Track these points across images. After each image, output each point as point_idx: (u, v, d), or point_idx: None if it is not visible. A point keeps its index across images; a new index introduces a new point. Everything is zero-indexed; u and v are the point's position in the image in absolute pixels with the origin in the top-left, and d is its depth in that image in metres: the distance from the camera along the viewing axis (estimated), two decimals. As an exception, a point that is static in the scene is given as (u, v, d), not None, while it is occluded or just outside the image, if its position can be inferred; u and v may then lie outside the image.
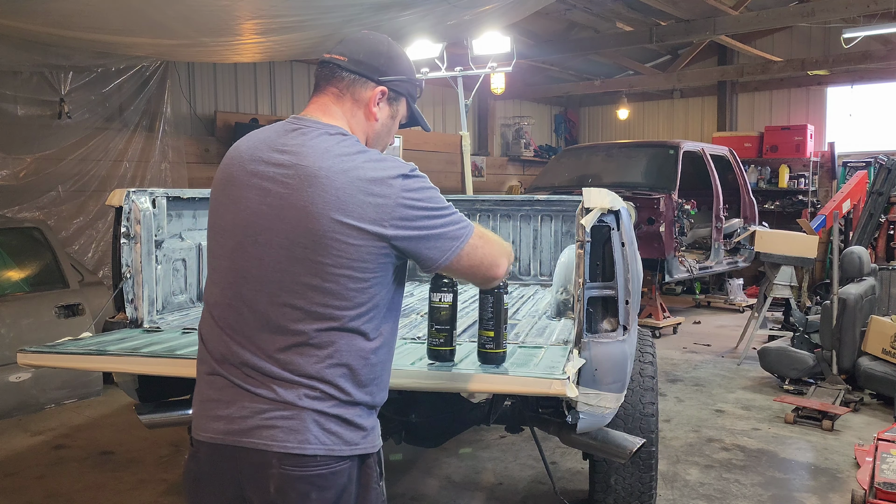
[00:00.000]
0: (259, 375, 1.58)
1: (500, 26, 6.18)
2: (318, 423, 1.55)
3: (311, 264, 1.55)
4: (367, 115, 1.73)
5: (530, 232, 4.70)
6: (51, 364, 2.62)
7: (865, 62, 9.61)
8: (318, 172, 1.55)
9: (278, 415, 1.55)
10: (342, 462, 1.58)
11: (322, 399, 1.56)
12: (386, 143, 1.82)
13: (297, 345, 1.56)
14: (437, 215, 1.62)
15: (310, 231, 1.54)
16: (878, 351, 5.49)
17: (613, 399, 2.44)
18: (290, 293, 1.57)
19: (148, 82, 7.41)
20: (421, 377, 2.28)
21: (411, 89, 1.81)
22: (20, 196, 6.48)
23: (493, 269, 1.73)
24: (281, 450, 1.54)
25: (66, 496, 3.92)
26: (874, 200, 8.05)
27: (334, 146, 1.60)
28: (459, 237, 1.65)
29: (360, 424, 1.61)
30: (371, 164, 1.58)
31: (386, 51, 1.76)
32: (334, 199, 1.53)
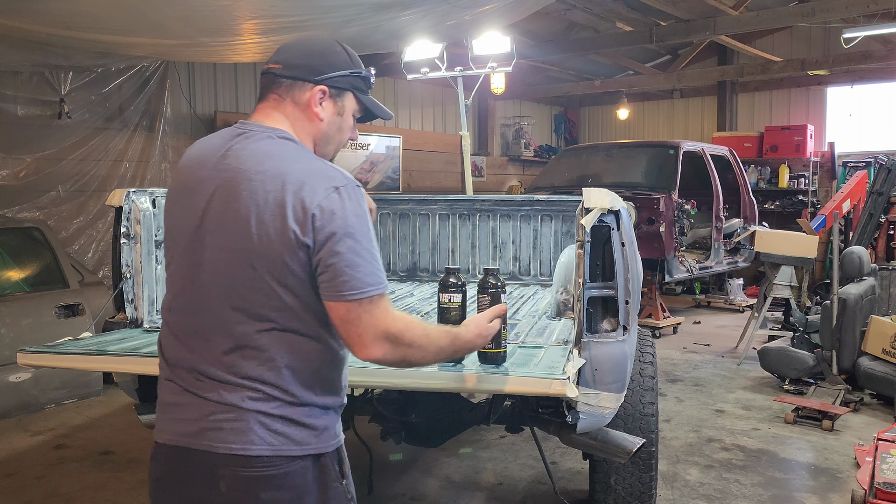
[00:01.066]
0: (206, 379, 1.60)
1: (500, 26, 6.18)
2: (263, 425, 1.56)
3: (248, 268, 1.57)
4: (311, 117, 1.71)
5: (530, 232, 4.70)
6: (51, 364, 2.62)
7: (865, 62, 9.61)
8: (253, 177, 1.56)
9: (223, 417, 1.58)
10: (294, 462, 1.58)
11: (265, 400, 1.57)
12: (340, 141, 1.78)
13: (239, 347, 1.58)
14: (352, 242, 1.54)
15: (246, 235, 1.55)
16: (878, 351, 5.49)
17: (613, 399, 2.44)
18: (231, 297, 1.59)
19: (148, 82, 7.41)
20: (421, 377, 2.28)
21: (356, 82, 1.76)
22: (20, 196, 6.48)
23: (362, 345, 1.57)
24: (226, 451, 1.56)
25: (66, 496, 3.92)
26: (874, 200, 8.05)
27: (275, 150, 1.61)
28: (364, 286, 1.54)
29: (310, 424, 1.60)
30: (304, 171, 1.57)
31: (321, 49, 1.74)
32: (264, 202, 1.54)
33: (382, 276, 1.58)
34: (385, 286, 1.58)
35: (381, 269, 1.59)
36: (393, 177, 10.32)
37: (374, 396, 3.19)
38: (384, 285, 1.58)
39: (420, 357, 1.65)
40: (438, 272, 4.68)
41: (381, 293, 1.57)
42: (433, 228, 4.80)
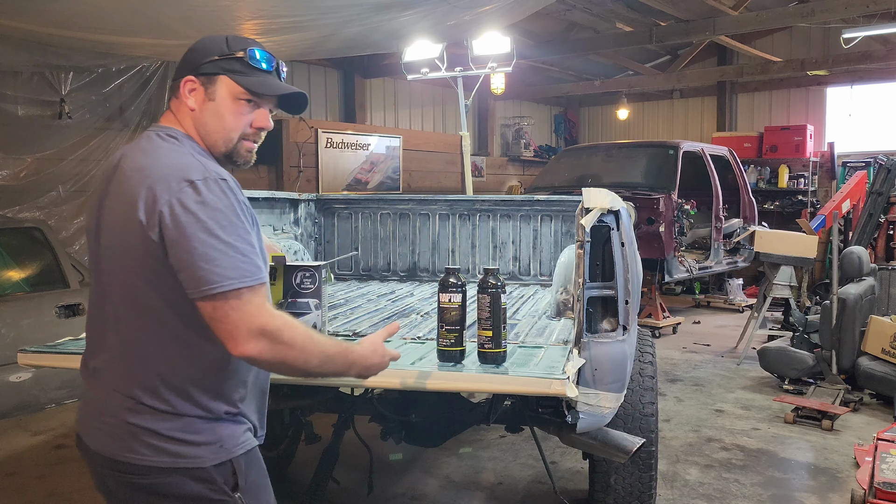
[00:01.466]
0: (98, 381, 1.64)
1: (500, 26, 6.18)
2: (136, 435, 1.56)
3: (120, 267, 1.58)
4: (185, 108, 1.71)
5: (530, 232, 4.70)
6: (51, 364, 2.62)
7: (865, 62, 9.61)
8: (126, 174, 1.58)
9: (104, 420, 1.61)
10: (168, 474, 1.56)
11: (138, 412, 1.57)
12: (224, 128, 1.70)
13: (116, 350, 1.60)
14: (205, 236, 1.48)
15: (117, 234, 1.57)
16: (877, 351, 5.49)
17: (613, 399, 2.44)
18: (112, 297, 1.61)
19: (148, 82, 7.41)
20: (420, 377, 2.28)
21: (228, 65, 1.69)
22: (20, 196, 6.48)
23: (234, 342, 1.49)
24: (105, 453, 1.59)
25: (67, 496, 3.92)
26: (874, 200, 8.05)
27: (149, 147, 1.62)
28: (225, 279, 1.47)
29: (185, 439, 1.56)
30: (163, 166, 1.55)
31: (197, 45, 1.74)
32: (127, 200, 1.55)
33: (250, 270, 1.50)
34: (256, 279, 1.50)
35: (251, 263, 1.51)
36: (393, 177, 10.32)
37: (374, 396, 3.20)
38: (253, 278, 1.50)
39: (302, 360, 1.54)
40: (438, 272, 4.69)
41: (250, 286, 1.49)
42: (433, 228, 4.80)
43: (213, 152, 1.71)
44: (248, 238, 1.54)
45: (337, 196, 5.04)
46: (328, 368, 1.62)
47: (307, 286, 2.26)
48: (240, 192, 1.60)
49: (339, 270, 4.90)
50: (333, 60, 9.48)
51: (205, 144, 1.71)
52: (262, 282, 1.53)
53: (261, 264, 1.55)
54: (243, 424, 1.66)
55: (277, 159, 8.70)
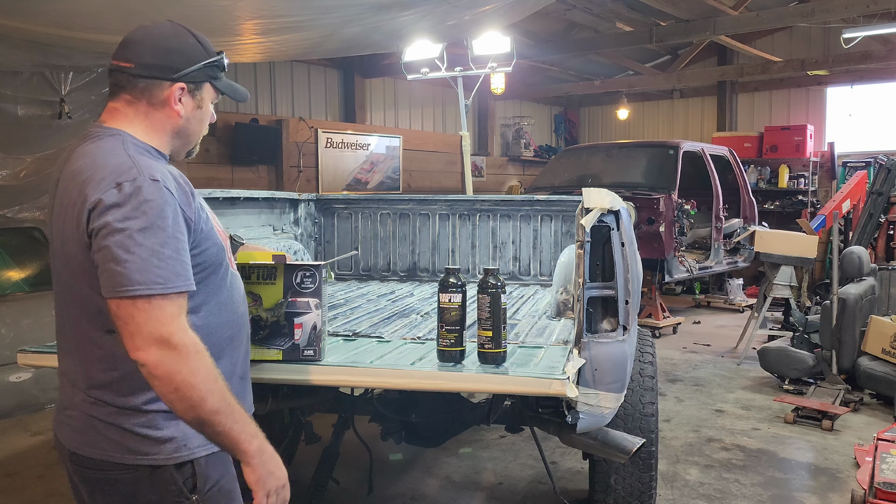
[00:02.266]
0: (64, 377, 1.67)
1: (500, 26, 6.18)
2: (96, 429, 1.57)
3: (66, 269, 1.59)
4: (170, 115, 1.68)
5: (530, 232, 4.70)
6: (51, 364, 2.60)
7: (865, 62, 9.61)
8: (69, 177, 1.58)
9: (68, 414, 1.63)
10: (126, 470, 1.55)
11: (98, 405, 1.58)
12: (200, 131, 1.78)
13: (76, 349, 1.62)
14: (121, 237, 1.44)
15: (61, 236, 1.58)
16: (877, 351, 5.49)
17: (613, 399, 2.44)
18: (65, 297, 1.63)
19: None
20: (420, 377, 2.28)
21: (211, 71, 1.73)
22: (20, 196, 6.47)
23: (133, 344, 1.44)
24: (69, 447, 1.62)
25: (67, 496, 3.91)
26: (874, 200, 8.05)
27: (92, 149, 1.60)
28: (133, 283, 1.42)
29: (147, 434, 1.55)
30: (98, 167, 1.53)
31: (173, 44, 1.69)
32: (67, 202, 1.55)
33: (164, 276, 1.44)
34: (170, 287, 1.45)
35: (166, 269, 1.45)
36: (393, 177, 10.32)
37: (374, 396, 3.20)
38: (166, 286, 1.44)
39: (196, 393, 1.43)
40: (438, 272, 4.68)
41: (163, 294, 1.44)
42: (433, 228, 4.80)
43: (180, 151, 1.75)
44: (173, 243, 1.48)
45: (337, 196, 5.04)
46: (223, 421, 1.46)
47: (307, 286, 2.26)
48: (178, 193, 1.55)
49: (339, 270, 4.90)
50: (333, 60, 9.48)
51: (167, 146, 1.71)
52: (178, 290, 1.47)
53: (182, 271, 1.48)
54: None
55: (277, 159, 8.70)
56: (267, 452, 1.54)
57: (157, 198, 1.49)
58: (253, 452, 1.51)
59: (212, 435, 1.49)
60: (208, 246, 1.63)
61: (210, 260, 1.65)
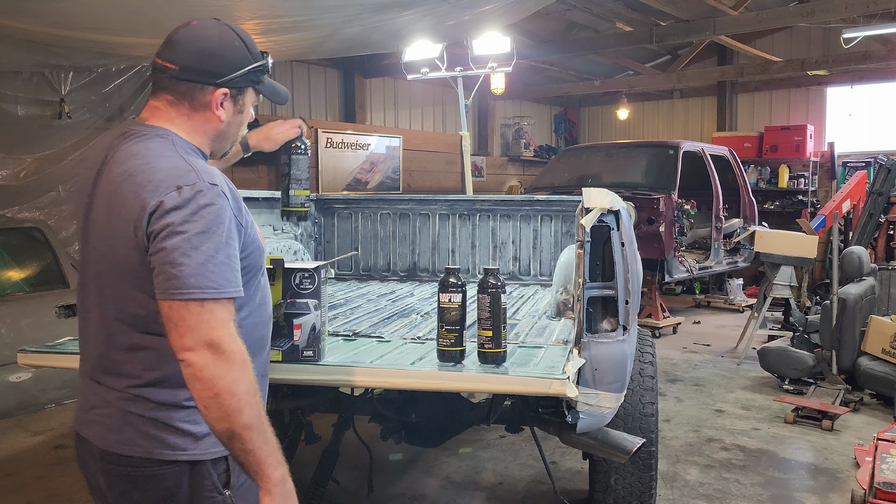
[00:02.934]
0: (96, 373, 1.64)
1: (500, 26, 6.18)
2: (134, 425, 1.56)
3: (113, 267, 1.57)
4: (210, 118, 1.68)
5: (530, 232, 4.70)
6: (51, 364, 2.63)
7: (865, 62, 9.61)
8: (115, 178, 1.56)
9: (101, 412, 1.61)
10: (164, 466, 1.55)
11: (136, 401, 1.56)
12: (238, 133, 1.79)
13: (116, 349, 1.60)
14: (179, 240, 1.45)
15: (108, 237, 1.57)
16: (877, 351, 5.49)
17: (613, 399, 2.44)
18: (104, 299, 1.61)
19: (148, 82, 7.39)
20: (420, 377, 2.28)
21: (255, 76, 1.72)
22: (20, 196, 6.48)
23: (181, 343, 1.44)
24: (101, 445, 1.59)
25: (67, 496, 3.92)
26: (874, 200, 8.05)
27: (141, 150, 1.58)
28: (188, 287, 1.43)
29: (187, 430, 1.56)
30: (154, 170, 1.52)
31: (218, 48, 1.66)
32: (118, 203, 1.53)
33: (217, 282, 1.45)
34: (222, 293, 1.46)
35: (220, 275, 1.46)
36: (393, 177, 10.32)
37: (374, 396, 3.20)
38: (218, 291, 1.45)
39: (234, 403, 1.41)
40: (438, 272, 4.68)
41: (215, 300, 1.45)
42: (433, 228, 4.80)
43: (216, 154, 1.74)
44: (227, 249, 1.49)
45: (337, 196, 5.04)
46: (254, 439, 1.44)
47: (306, 287, 2.26)
48: (231, 198, 1.56)
49: (339, 270, 4.90)
50: (333, 60, 9.48)
51: (207, 147, 1.71)
52: (229, 296, 1.48)
53: (233, 277, 1.50)
54: None
55: (277, 159, 8.61)
56: (289, 484, 1.51)
57: (216, 202, 1.50)
58: (276, 480, 1.47)
59: (239, 452, 1.45)
60: (252, 249, 1.65)
61: (253, 263, 1.66)
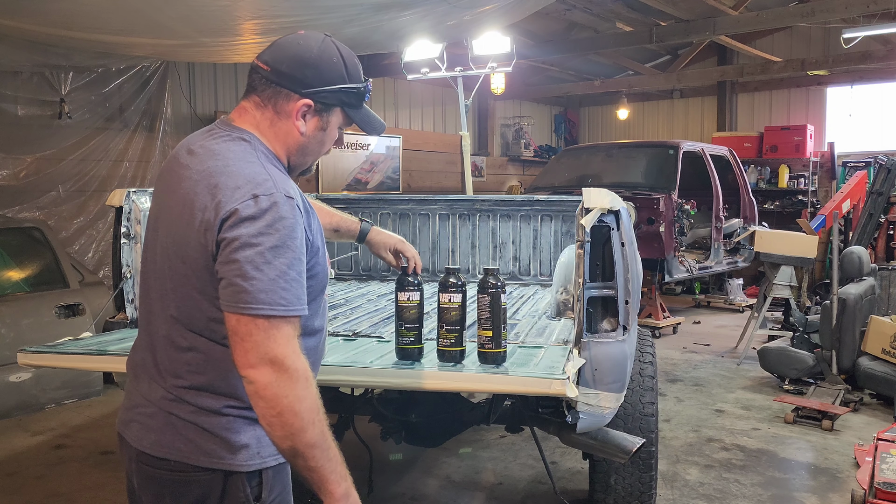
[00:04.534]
0: (141, 372, 1.62)
1: (500, 26, 6.18)
2: (174, 427, 1.53)
3: (175, 267, 1.54)
4: (290, 129, 1.63)
5: (530, 232, 4.70)
6: (51, 364, 2.62)
7: (865, 62, 9.61)
8: (194, 176, 1.53)
9: (142, 411, 1.58)
10: (200, 473, 1.51)
11: (179, 403, 1.54)
12: (319, 153, 1.70)
13: (166, 345, 1.57)
14: (251, 253, 1.42)
15: (176, 234, 1.54)
16: (877, 351, 5.49)
17: (613, 399, 2.44)
18: (163, 293, 1.57)
19: (148, 82, 7.41)
20: (421, 377, 2.28)
21: (346, 98, 1.66)
22: (20, 196, 6.48)
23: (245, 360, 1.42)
24: (137, 446, 1.57)
25: (66, 496, 3.92)
26: (874, 200, 8.05)
27: (222, 150, 1.56)
28: (258, 302, 1.40)
29: (225, 438, 1.52)
30: (232, 174, 1.49)
31: (313, 59, 1.62)
32: (192, 202, 1.50)
33: (287, 299, 1.43)
34: (291, 311, 1.44)
35: (290, 292, 1.44)
36: (393, 177, 10.32)
37: (374, 396, 3.20)
38: (287, 308, 1.43)
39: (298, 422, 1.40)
40: (438, 272, 4.68)
41: (283, 317, 1.43)
42: (433, 228, 4.80)
43: (293, 168, 1.68)
44: (298, 266, 1.47)
45: (337, 196, 5.04)
46: (318, 456, 1.43)
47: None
48: (304, 212, 1.53)
49: (339, 270, 4.90)
50: (333, 60, 9.46)
51: (285, 158, 1.65)
52: (297, 314, 1.46)
53: (302, 295, 1.48)
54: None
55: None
56: (353, 497, 1.49)
57: (291, 216, 1.47)
58: (339, 496, 1.46)
59: (303, 468, 1.44)
60: (318, 271, 1.60)
61: (318, 284, 1.62)
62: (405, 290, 2.30)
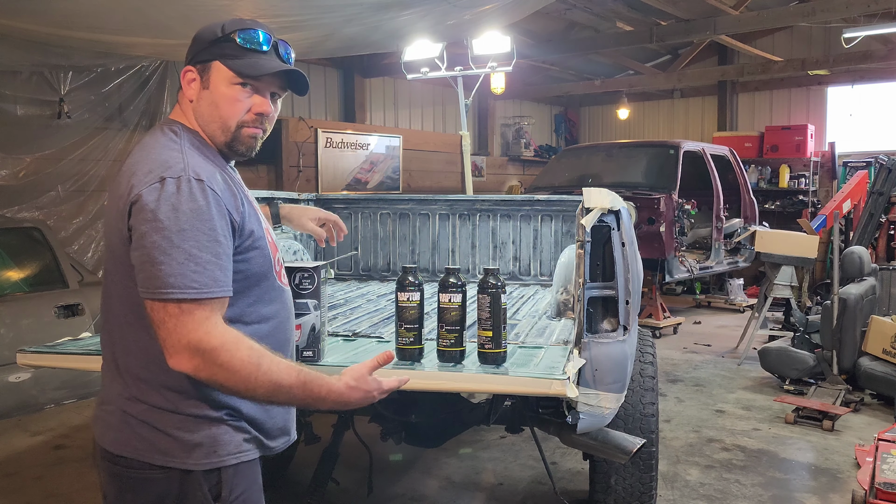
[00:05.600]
0: (105, 370, 1.64)
1: (500, 26, 6.17)
2: (130, 426, 1.54)
3: (109, 259, 1.58)
4: (184, 101, 1.65)
5: (530, 232, 4.69)
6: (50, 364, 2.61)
7: (866, 62, 9.61)
8: (122, 168, 1.57)
9: (104, 409, 1.61)
10: (156, 471, 1.52)
11: (132, 401, 1.55)
12: (222, 116, 1.62)
13: (120, 342, 1.58)
14: (158, 237, 1.41)
15: (107, 225, 1.59)
16: (878, 351, 5.48)
17: (613, 399, 2.43)
18: (109, 290, 1.61)
19: (147, 82, 7.40)
20: (420, 377, 2.27)
21: (220, 49, 1.61)
22: (20, 196, 6.48)
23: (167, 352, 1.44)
24: (100, 443, 1.59)
25: (66, 496, 3.92)
26: (874, 200, 8.04)
27: (146, 140, 1.61)
28: (168, 286, 1.40)
29: (178, 436, 1.51)
30: (144, 160, 1.52)
31: (198, 34, 1.66)
32: (115, 194, 1.54)
33: (200, 281, 1.42)
34: (205, 293, 1.42)
35: (203, 273, 1.43)
36: (393, 177, 10.31)
37: (373, 397, 3.18)
38: (201, 291, 1.42)
39: (243, 387, 1.44)
40: (438, 272, 4.68)
41: (195, 300, 1.41)
42: (433, 228, 4.79)
43: (214, 143, 1.65)
44: (213, 246, 1.45)
45: (337, 196, 5.04)
46: (282, 398, 1.50)
47: (306, 287, 2.25)
48: (224, 193, 1.52)
49: (339, 270, 4.89)
50: (333, 60, 9.47)
51: (206, 136, 1.65)
52: (213, 296, 1.44)
53: (221, 277, 1.46)
54: (244, 433, 1.59)
55: (277, 159, 8.69)
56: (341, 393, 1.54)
57: (199, 198, 1.46)
58: (333, 401, 1.54)
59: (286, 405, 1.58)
60: (255, 255, 1.58)
61: (256, 269, 1.59)
62: (405, 290, 2.30)
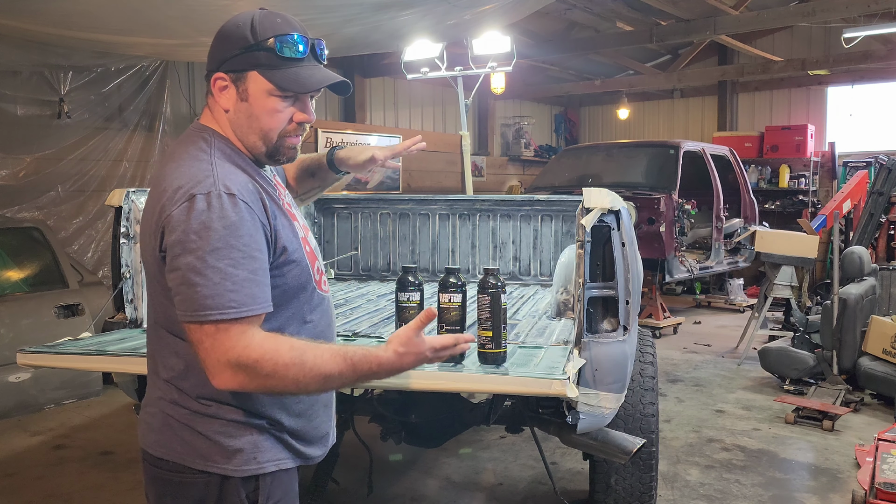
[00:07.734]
0: (148, 372, 1.64)
1: (500, 26, 6.17)
2: (171, 428, 1.54)
3: (147, 269, 1.56)
4: (218, 109, 1.58)
5: (530, 232, 4.69)
6: (50, 364, 2.62)
7: (866, 62, 9.61)
8: (154, 179, 1.56)
9: (147, 411, 1.61)
10: (196, 475, 1.51)
11: (175, 405, 1.54)
12: (261, 128, 1.56)
13: (159, 348, 1.58)
14: (192, 258, 1.38)
15: (143, 237, 1.56)
16: (878, 351, 5.48)
17: (613, 399, 2.43)
18: (150, 297, 1.60)
19: (147, 82, 7.41)
20: (420, 377, 2.27)
21: (256, 58, 1.51)
22: (20, 196, 6.48)
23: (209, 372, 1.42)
24: (142, 445, 1.60)
25: (66, 496, 3.92)
26: (874, 200, 8.04)
27: (176, 150, 1.57)
28: (205, 308, 1.37)
29: (218, 441, 1.51)
30: (175, 175, 1.47)
31: (223, 33, 1.55)
32: (149, 208, 1.51)
33: (237, 300, 1.38)
34: (243, 311, 1.39)
35: (239, 292, 1.39)
36: (393, 177, 10.31)
37: (373, 396, 3.19)
38: (238, 310, 1.39)
39: (294, 387, 1.43)
40: (438, 272, 4.68)
41: (233, 319, 1.38)
42: (433, 228, 4.79)
43: (252, 153, 1.59)
44: (248, 262, 1.41)
45: (337, 196, 5.03)
46: (335, 385, 1.51)
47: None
48: (256, 206, 1.47)
49: (339, 270, 4.89)
50: (333, 60, 9.46)
51: (242, 144, 1.59)
52: (252, 314, 1.41)
53: (259, 293, 1.42)
54: (283, 442, 1.58)
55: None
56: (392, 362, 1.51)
57: (233, 213, 1.41)
58: (387, 371, 1.51)
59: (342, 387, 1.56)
60: (289, 268, 1.54)
61: (290, 284, 1.55)
62: (406, 290, 2.30)
